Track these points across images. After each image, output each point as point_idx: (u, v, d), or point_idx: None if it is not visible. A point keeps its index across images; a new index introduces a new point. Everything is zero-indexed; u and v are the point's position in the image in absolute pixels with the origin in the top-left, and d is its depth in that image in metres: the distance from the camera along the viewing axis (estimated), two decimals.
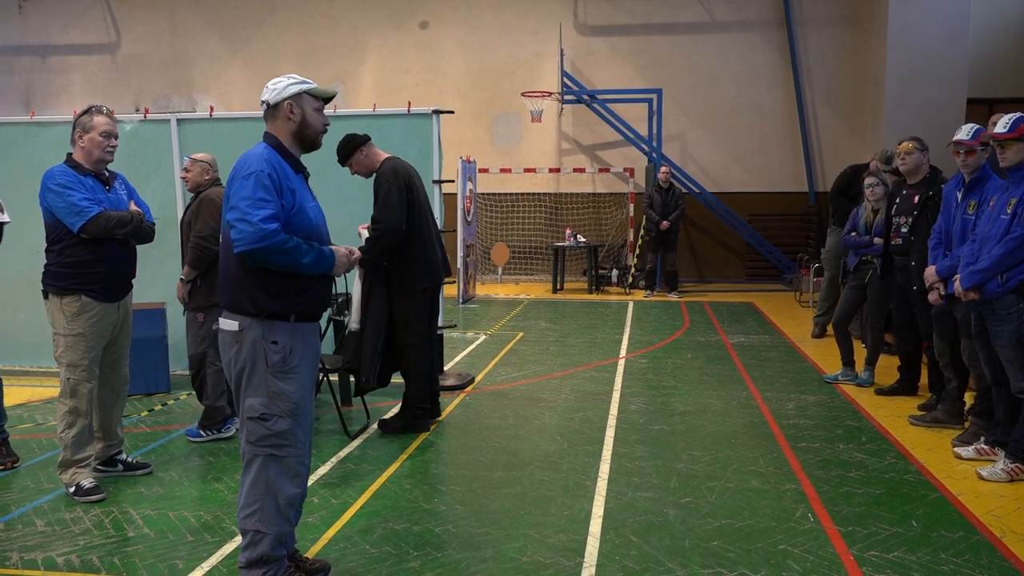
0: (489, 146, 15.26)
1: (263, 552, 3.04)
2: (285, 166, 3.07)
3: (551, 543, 3.65)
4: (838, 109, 14.39)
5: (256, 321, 3.01)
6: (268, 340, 3.00)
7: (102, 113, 4.25)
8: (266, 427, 3.01)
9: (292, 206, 3.01)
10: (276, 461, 3.03)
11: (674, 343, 8.65)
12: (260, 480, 3.03)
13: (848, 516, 3.96)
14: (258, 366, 3.00)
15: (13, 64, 16.42)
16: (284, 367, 3.02)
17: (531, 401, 6.20)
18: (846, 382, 6.71)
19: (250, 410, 3.02)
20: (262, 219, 2.89)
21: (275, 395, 3.01)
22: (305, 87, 3.12)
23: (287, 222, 2.99)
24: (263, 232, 2.88)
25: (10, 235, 7.08)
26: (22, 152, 7.04)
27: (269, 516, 3.03)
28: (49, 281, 4.17)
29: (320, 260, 3.04)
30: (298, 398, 3.05)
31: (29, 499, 4.22)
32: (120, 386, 4.47)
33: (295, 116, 3.09)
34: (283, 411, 3.02)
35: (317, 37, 15.51)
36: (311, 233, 3.07)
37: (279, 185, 2.97)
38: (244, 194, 2.92)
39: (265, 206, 2.91)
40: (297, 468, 3.09)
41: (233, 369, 3.05)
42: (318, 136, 3.16)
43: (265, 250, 2.90)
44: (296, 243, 2.97)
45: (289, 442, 3.04)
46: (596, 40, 14.91)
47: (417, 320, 5.36)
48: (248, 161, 3.00)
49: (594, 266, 13.40)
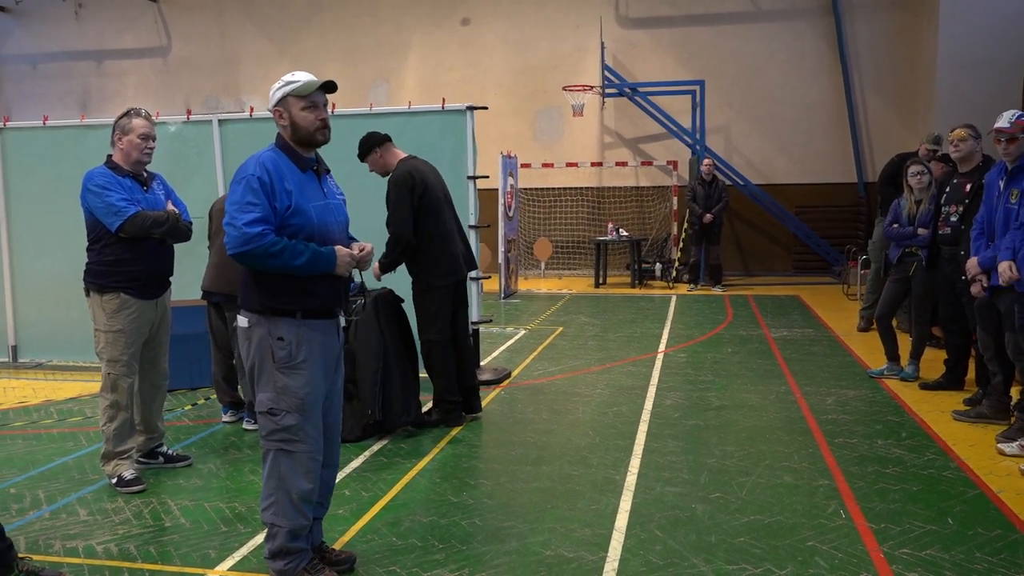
0: (531, 141, 15.26)
1: (280, 545, 3.12)
2: (289, 167, 3.10)
3: (576, 537, 3.66)
4: (888, 97, 14.04)
5: (262, 318, 3.08)
6: (274, 336, 3.06)
7: (140, 116, 4.38)
8: (274, 422, 3.08)
9: (288, 207, 3.04)
10: (287, 456, 3.09)
11: (715, 337, 8.56)
12: (273, 474, 3.11)
13: (881, 513, 3.88)
14: (266, 362, 3.07)
15: (71, 69, 16.95)
16: (290, 363, 3.07)
17: (566, 396, 6.20)
18: (890, 377, 6.57)
19: (260, 404, 3.11)
20: (246, 223, 2.95)
21: (282, 390, 3.07)
22: (288, 88, 3.12)
23: (283, 224, 3.03)
24: (246, 236, 2.94)
25: (63, 234, 7.37)
26: (74, 154, 7.28)
27: (283, 510, 3.10)
28: (90, 279, 4.32)
29: (317, 261, 3.06)
30: (305, 393, 3.09)
31: (74, 489, 4.38)
32: (160, 380, 4.60)
33: (284, 120, 3.13)
34: (290, 406, 3.07)
35: (361, 36, 15.69)
36: (312, 234, 3.09)
37: (272, 188, 3.01)
38: (234, 198, 3.01)
39: (252, 210, 2.96)
40: (308, 464, 3.12)
41: (246, 364, 3.14)
42: (312, 134, 3.14)
43: (250, 253, 2.97)
44: (285, 246, 2.99)
45: (298, 437, 3.09)
46: (638, 32, 14.80)
47: (439, 317, 5.40)
48: (244, 165, 3.07)
49: (637, 260, 13.32)
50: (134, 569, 3.41)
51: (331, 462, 3.36)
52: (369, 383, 5.10)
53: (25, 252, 7.66)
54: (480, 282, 6.93)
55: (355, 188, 6.78)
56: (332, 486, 3.42)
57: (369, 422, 5.11)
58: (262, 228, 2.96)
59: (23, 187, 7.59)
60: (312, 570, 3.18)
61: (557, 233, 15.18)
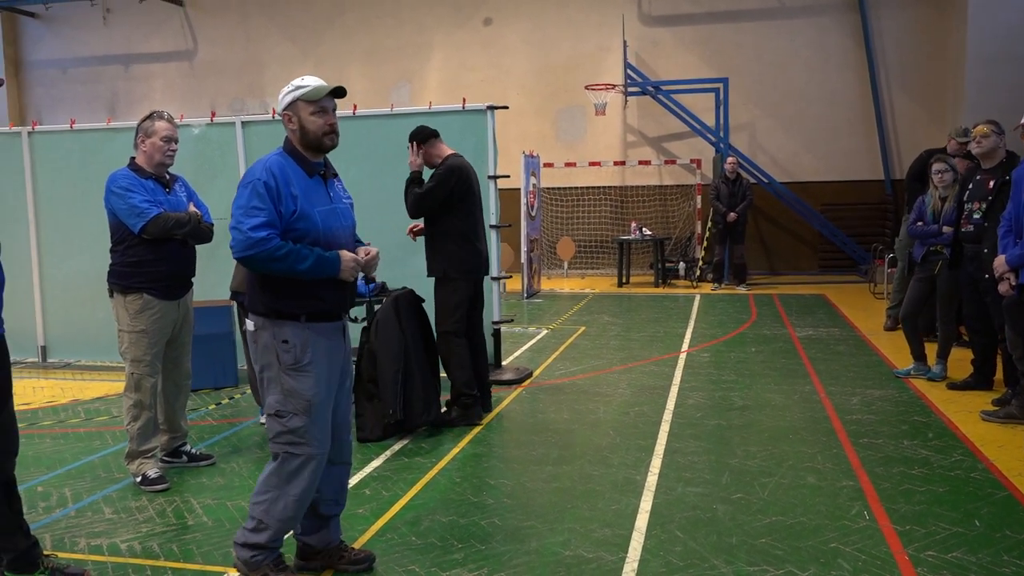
0: (554, 140, 15.24)
1: (259, 541, 3.14)
2: (295, 171, 3.11)
3: (595, 537, 3.65)
4: (915, 93, 13.85)
5: (268, 321, 3.10)
6: (279, 340, 3.08)
7: (163, 118, 4.43)
8: (281, 423, 3.09)
9: (293, 212, 3.05)
10: (292, 458, 3.11)
11: (738, 337, 8.49)
12: (275, 474, 3.13)
13: (906, 514, 3.83)
14: (272, 364, 3.09)
15: (99, 74, 17.19)
16: (296, 365, 3.08)
17: (587, 395, 6.18)
18: (917, 377, 6.47)
19: (268, 407, 3.13)
20: (251, 227, 2.97)
21: (288, 392, 3.08)
22: (298, 93, 3.13)
23: (288, 228, 3.04)
24: (251, 240, 2.97)
25: (90, 236, 7.46)
26: (100, 157, 7.38)
27: (275, 511, 3.12)
28: (113, 280, 4.37)
29: (321, 266, 3.06)
30: (311, 395, 3.09)
31: (100, 488, 4.44)
32: (182, 380, 4.65)
33: (293, 124, 3.14)
34: (297, 408, 3.08)
35: (384, 37, 15.75)
36: (317, 238, 3.09)
37: (277, 192, 3.02)
38: (240, 203, 3.03)
39: (257, 214, 2.98)
40: (312, 466, 3.13)
41: (255, 366, 3.16)
42: (321, 139, 3.14)
43: (255, 257, 2.99)
44: (289, 251, 3.00)
45: (304, 439, 3.10)
46: (660, 30, 14.72)
47: (458, 309, 5.46)
48: (251, 169, 3.10)
49: (660, 259, 13.25)
50: (157, 567, 3.44)
51: (343, 460, 3.37)
52: (390, 383, 5.11)
53: (53, 254, 7.78)
54: (503, 281, 6.93)
55: (375, 188, 6.86)
56: (346, 484, 3.42)
57: (390, 422, 5.12)
58: (267, 232, 2.98)
59: (51, 190, 7.71)
60: (276, 567, 3.18)
61: (580, 232, 15.14)
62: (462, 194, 5.41)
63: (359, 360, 5.25)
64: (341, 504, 3.40)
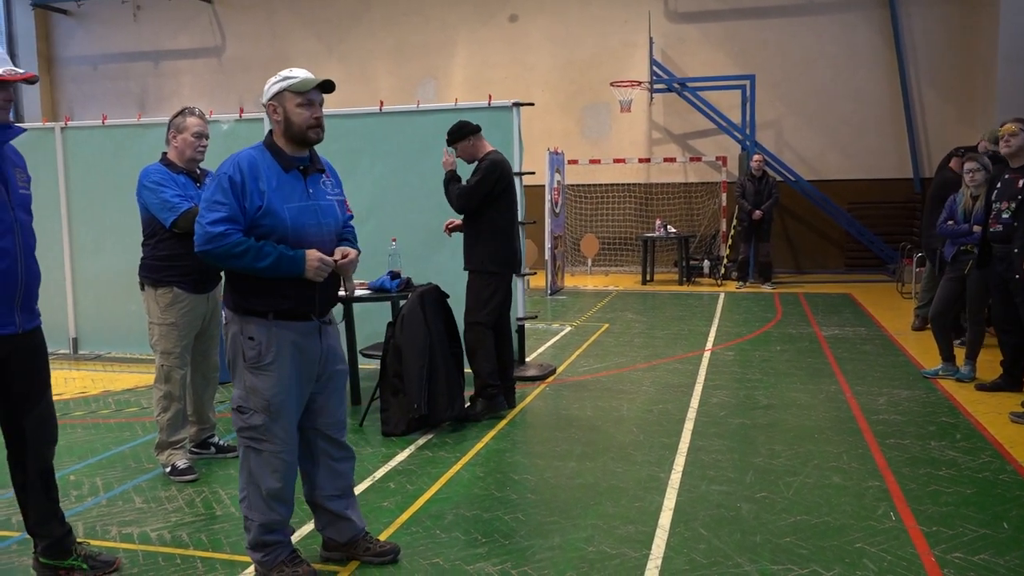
0: (579, 137, 15.22)
1: (255, 537, 3.18)
2: (270, 166, 3.07)
3: (619, 534, 3.65)
4: (945, 91, 13.68)
5: (236, 316, 3.11)
6: (245, 335, 3.08)
7: (194, 114, 4.49)
8: (243, 419, 3.11)
9: (259, 208, 3.00)
10: (256, 453, 3.12)
11: (763, 335, 8.45)
12: (244, 468, 3.16)
13: (933, 516, 3.80)
14: (238, 359, 3.10)
15: (129, 70, 17.42)
16: (258, 363, 3.06)
17: (611, 393, 6.18)
18: (945, 377, 6.41)
19: (232, 400, 3.16)
20: (210, 222, 2.96)
21: (250, 389, 3.08)
22: (285, 84, 3.08)
23: (254, 224, 3.01)
24: (209, 235, 2.96)
25: (120, 230, 7.58)
26: (131, 152, 7.49)
27: (254, 504, 3.15)
28: (145, 273, 4.44)
29: (282, 264, 3.00)
30: (271, 395, 3.07)
31: (131, 477, 4.51)
32: (210, 373, 4.71)
33: (278, 115, 3.10)
34: (257, 406, 3.08)
35: (409, 34, 15.81)
36: (285, 235, 3.04)
37: (243, 188, 2.99)
38: (205, 196, 3.05)
39: (218, 209, 2.97)
40: (275, 464, 3.11)
41: (227, 358, 3.19)
42: (305, 132, 3.09)
43: (212, 252, 2.99)
44: (248, 247, 2.96)
45: (265, 437, 3.09)
46: (687, 27, 14.65)
47: (491, 302, 5.54)
48: (222, 164, 3.07)
49: (685, 257, 13.20)
50: (186, 556, 3.50)
51: (341, 456, 3.35)
52: (415, 378, 5.15)
53: (85, 248, 7.91)
54: (526, 278, 6.95)
55: (402, 184, 6.90)
56: (350, 479, 3.41)
57: (414, 416, 5.16)
58: (225, 228, 2.95)
59: (83, 185, 7.84)
60: (291, 562, 3.20)
61: (604, 229, 15.12)
62: (503, 189, 5.52)
63: (384, 355, 5.29)
64: (347, 497, 3.38)
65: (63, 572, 3.27)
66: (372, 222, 6.89)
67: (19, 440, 3.12)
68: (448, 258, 6.64)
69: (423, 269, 6.60)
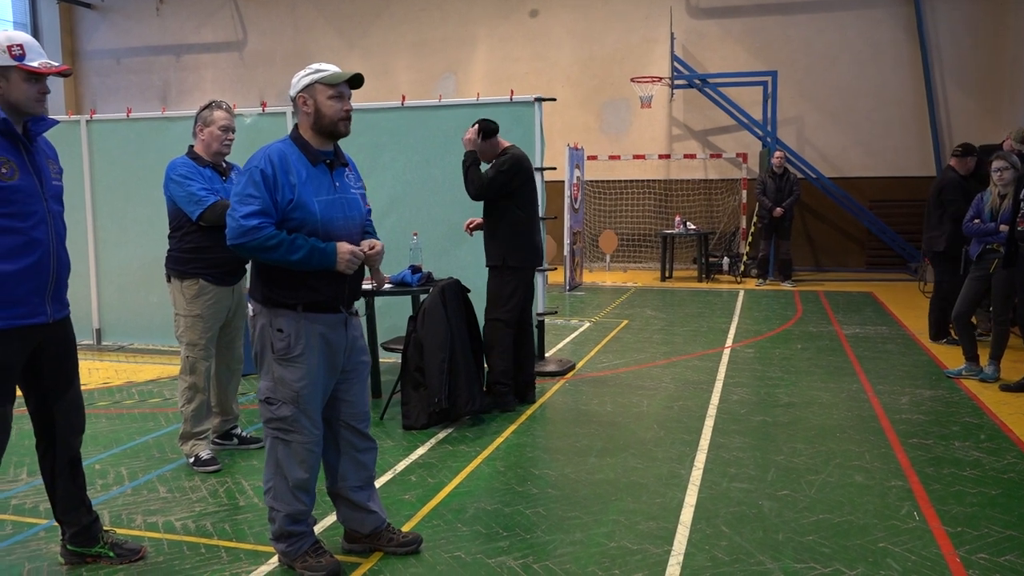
0: (598, 133, 15.19)
1: (280, 528, 3.20)
2: (298, 159, 3.09)
3: (640, 530, 3.65)
4: (970, 89, 13.53)
5: (265, 308, 3.13)
6: (274, 328, 3.10)
7: (221, 108, 4.52)
8: (271, 411, 3.13)
9: (290, 201, 3.02)
10: (283, 444, 3.15)
11: (783, 333, 8.40)
12: (271, 460, 3.18)
13: (958, 516, 3.77)
14: (266, 351, 3.12)
15: (152, 64, 17.55)
16: (287, 355, 3.09)
17: (631, 389, 6.18)
18: (969, 377, 6.35)
19: (259, 392, 3.18)
20: (243, 215, 2.97)
21: (278, 381, 3.10)
22: (317, 76, 3.11)
23: (285, 217, 3.03)
24: (243, 228, 2.97)
25: (144, 222, 7.65)
26: (155, 145, 7.56)
27: (280, 495, 3.17)
28: (171, 265, 4.48)
29: (315, 256, 3.03)
30: (300, 387, 3.09)
31: (155, 467, 4.56)
32: (235, 364, 4.75)
33: (308, 107, 3.12)
34: (285, 397, 3.10)
35: (429, 29, 15.83)
36: (315, 228, 3.06)
37: (275, 181, 3.00)
38: (236, 190, 3.06)
39: (251, 202, 2.98)
40: (303, 454, 3.15)
41: (254, 351, 3.21)
42: (336, 124, 3.13)
43: (246, 245, 3.00)
44: (281, 240, 2.98)
45: (294, 428, 3.12)
46: (708, 23, 14.57)
47: (512, 299, 5.55)
48: (253, 157, 3.09)
49: (704, 254, 13.15)
50: (210, 545, 3.53)
51: (365, 447, 3.37)
52: (436, 372, 5.16)
53: (109, 240, 7.99)
54: (545, 274, 6.95)
55: (424, 178, 6.92)
56: (372, 470, 3.43)
57: (435, 410, 5.17)
58: (259, 221, 2.97)
59: (107, 177, 7.91)
60: (315, 553, 3.23)
61: (623, 226, 15.08)
62: (521, 184, 5.54)
63: (405, 348, 5.31)
64: (368, 490, 3.40)
65: (90, 559, 3.31)
66: (393, 216, 6.92)
67: (49, 428, 3.17)
68: (469, 253, 6.65)
69: (444, 263, 6.63)
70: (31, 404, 3.15)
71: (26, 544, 3.55)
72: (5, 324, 2.88)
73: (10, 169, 2.89)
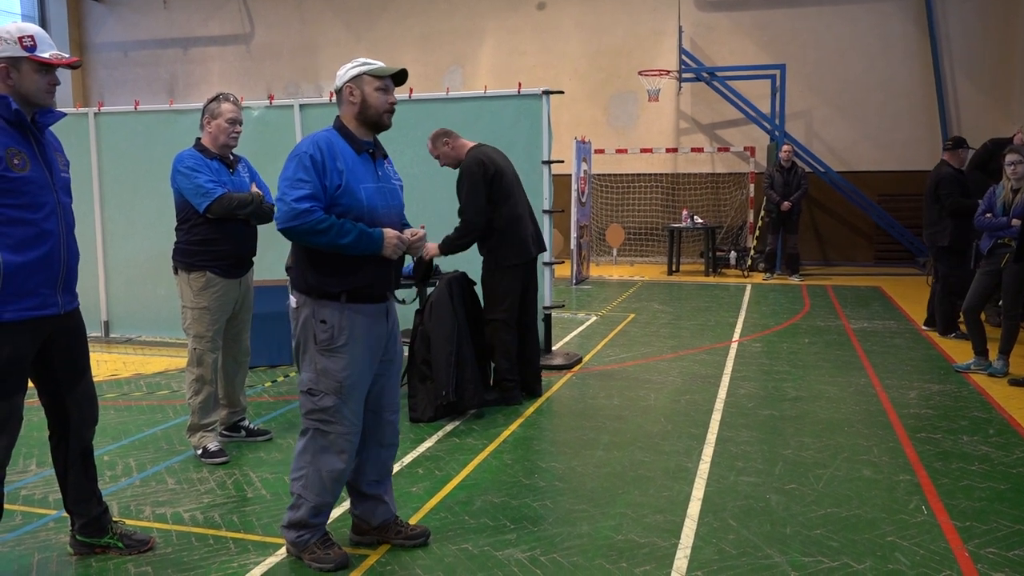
0: (606, 126, 15.15)
1: (302, 517, 3.20)
2: (344, 148, 3.14)
3: (647, 523, 3.65)
4: (981, 82, 13.45)
5: (309, 299, 3.14)
6: (317, 319, 3.12)
7: (229, 101, 4.51)
8: (313, 402, 3.14)
9: (338, 186, 3.07)
10: (323, 435, 3.16)
11: (791, 327, 8.38)
12: (308, 449, 3.19)
13: (966, 511, 3.76)
14: (309, 342, 3.14)
15: (159, 57, 17.57)
16: (330, 345, 3.11)
17: (638, 382, 6.17)
18: (978, 372, 6.33)
19: (301, 383, 3.19)
20: (295, 199, 3.00)
21: (321, 372, 3.12)
22: (365, 68, 3.17)
23: (333, 203, 3.06)
24: (295, 211, 3.00)
25: (152, 215, 7.67)
26: (163, 138, 7.57)
27: (312, 485, 3.18)
28: (178, 258, 4.49)
29: (363, 241, 3.07)
30: (343, 377, 3.11)
31: (163, 459, 4.58)
32: (242, 357, 4.76)
33: (355, 97, 3.17)
34: (329, 388, 3.12)
35: (436, 22, 15.80)
36: (360, 214, 3.10)
37: (324, 166, 3.05)
38: (286, 175, 3.08)
39: (302, 186, 3.02)
40: (343, 445, 3.16)
41: (293, 342, 3.22)
42: (381, 116, 3.18)
43: (297, 229, 3.02)
44: (332, 224, 3.02)
45: (335, 419, 3.14)
46: (717, 16, 14.51)
47: (507, 297, 5.51)
48: (300, 143, 3.14)
49: (711, 248, 13.12)
50: (218, 536, 3.55)
51: (389, 442, 3.39)
52: (443, 364, 5.17)
53: (117, 232, 8.01)
54: (552, 267, 6.94)
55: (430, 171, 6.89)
56: (390, 465, 3.46)
57: (442, 403, 5.18)
58: (311, 204, 3.01)
59: (115, 169, 7.93)
60: (323, 544, 3.24)
61: (630, 219, 15.05)
62: (492, 183, 5.35)
63: (412, 341, 5.31)
64: (383, 484, 3.42)
65: (99, 550, 3.33)
66: None
67: (63, 420, 3.18)
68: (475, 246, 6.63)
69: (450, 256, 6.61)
70: (44, 397, 3.16)
71: (35, 534, 3.56)
72: (17, 316, 2.89)
73: (22, 160, 2.89)
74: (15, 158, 2.87)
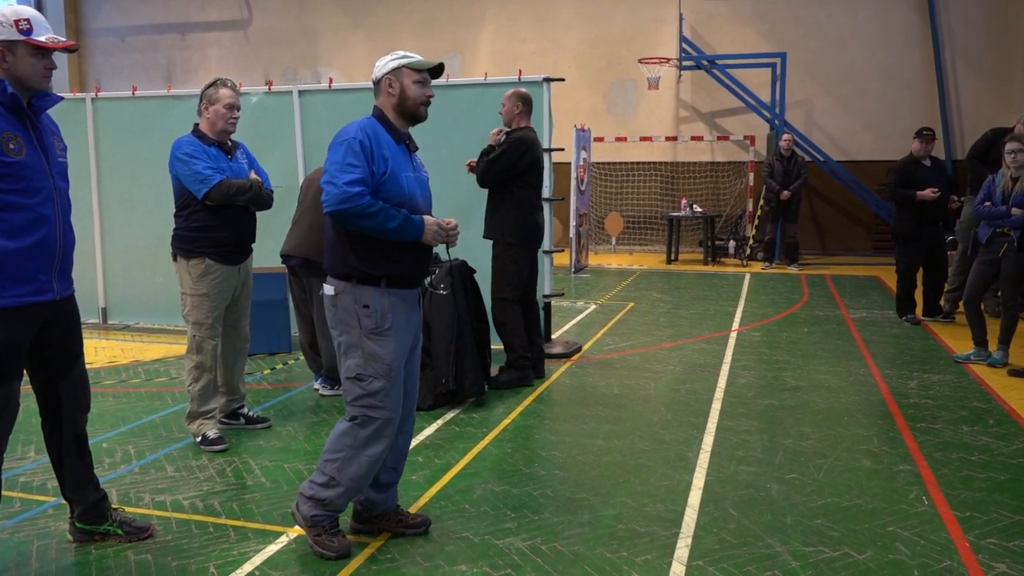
0: (605, 114, 15.09)
1: (328, 497, 3.19)
2: (386, 136, 3.17)
3: (648, 512, 3.65)
4: (982, 72, 13.40)
5: (349, 285, 3.14)
6: (360, 304, 3.12)
7: (226, 86, 4.47)
8: (361, 387, 3.14)
9: (384, 172, 3.11)
10: (370, 421, 3.16)
11: (790, 317, 8.37)
12: (350, 433, 3.18)
13: (967, 501, 3.76)
14: (354, 328, 3.13)
15: (156, 42, 17.45)
16: (378, 330, 3.13)
17: (637, 371, 6.16)
18: (977, 362, 6.33)
19: (347, 370, 3.17)
20: (347, 182, 3.02)
21: (370, 357, 3.13)
22: (405, 61, 3.20)
23: (377, 188, 3.09)
24: (347, 194, 3.01)
25: (151, 201, 7.62)
26: (161, 123, 7.51)
27: (348, 470, 3.17)
28: (177, 244, 4.45)
29: (406, 226, 3.11)
30: (392, 359, 3.15)
31: (162, 446, 4.56)
32: (241, 344, 4.74)
33: (394, 89, 3.20)
34: (379, 372, 3.13)
35: (435, 9, 15.70)
36: (402, 201, 3.15)
37: (371, 152, 3.08)
38: (335, 159, 3.08)
39: (352, 171, 3.04)
40: (387, 429, 3.19)
41: (332, 330, 3.21)
42: (419, 107, 3.22)
43: (347, 211, 3.03)
44: (380, 207, 3.05)
45: (383, 403, 3.15)
46: (717, 3, 14.43)
47: (516, 275, 5.65)
48: (346, 129, 3.15)
49: (710, 237, 13.09)
50: (218, 524, 3.54)
51: (405, 430, 3.41)
52: (443, 353, 5.15)
53: (115, 219, 7.96)
54: (551, 255, 6.92)
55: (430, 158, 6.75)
56: (405, 453, 3.47)
57: (442, 391, 5.17)
58: (361, 188, 3.03)
59: (113, 155, 7.87)
60: (331, 531, 3.24)
61: (629, 208, 15.02)
62: (527, 165, 5.61)
63: None
64: (399, 472, 3.45)
65: (99, 537, 3.32)
66: None
67: (55, 406, 3.16)
68: (476, 233, 6.59)
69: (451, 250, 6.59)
70: (36, 382, 3.15)
71: (34, 522, 3.55)
72: (13, 302, 2.86)
73: (18, 145, 2.86)
74: (11, 143, 2.84)
